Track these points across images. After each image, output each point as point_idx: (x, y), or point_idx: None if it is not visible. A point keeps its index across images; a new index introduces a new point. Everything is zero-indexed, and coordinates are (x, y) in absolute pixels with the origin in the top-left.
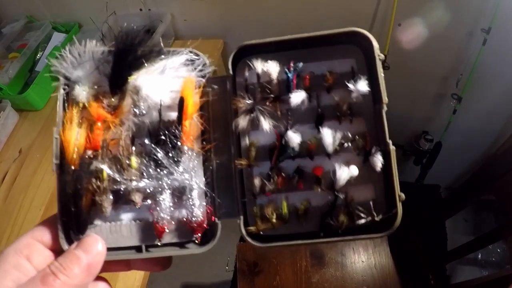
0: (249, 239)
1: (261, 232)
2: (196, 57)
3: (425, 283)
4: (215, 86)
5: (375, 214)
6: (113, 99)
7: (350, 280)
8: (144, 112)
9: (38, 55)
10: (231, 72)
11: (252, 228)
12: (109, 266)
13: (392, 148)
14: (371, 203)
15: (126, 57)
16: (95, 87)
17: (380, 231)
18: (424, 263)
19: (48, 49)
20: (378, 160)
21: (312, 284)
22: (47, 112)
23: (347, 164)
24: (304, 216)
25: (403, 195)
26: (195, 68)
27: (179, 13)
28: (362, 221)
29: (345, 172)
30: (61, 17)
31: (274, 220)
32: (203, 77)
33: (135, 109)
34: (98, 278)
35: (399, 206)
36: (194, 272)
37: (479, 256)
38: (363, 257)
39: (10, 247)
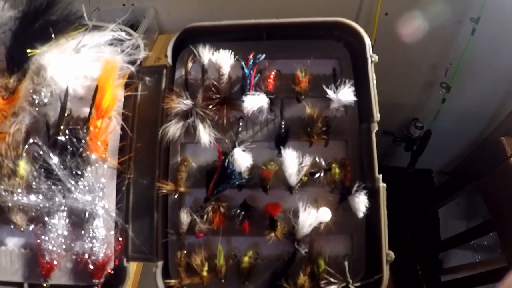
0: None
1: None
2: (128, 37)
3: (413, 272)
4: (147, 78)
5: (349, 280)
6: (10, 80)
7: None
8: (45, 101)
9: None
10: (170, 61)
11: (172, 281)
12: None
13: (382, 186)
14: (346, 262)
15: (32, 23)
16: None
17: None
18: (412, 251)
19: None
20: (361, 202)
21: None
22: None
23: (316, 204)
24: (248, 272)
25: (392, 254)
26: (123, 51)
27: (162, 7)
28: (332, 287)
29: (312, 216)
30: None
31: (204, 273)
32: (132, 63)
33: (34, 96)
34: None
35: (386, 270)
36: None
37: (472, 240)
38: None
39: None
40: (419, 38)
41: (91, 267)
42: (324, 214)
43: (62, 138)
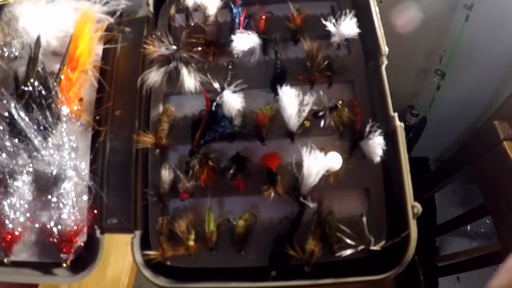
0: (145, 272)
1: (168, 262)
2: None
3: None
4: (127, 29)
5: (371, 239)
6: None
7: None
8: (16, 54)
9: None
10: (151, 9)
11: (153, 252)
12: None
13: (399, 125)
14: (364, 219)
15: None
16: None
17: (379, 269)
18: None
19: None
20: (376, 146)
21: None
22: None
23: (323, 150)
24: (244, 238)
25: (419, 206)
26: (102, 1)
27: None
28: (349, 252)
29: (319, 164)
30: None
31: (191, 243)
32: (111, 15)
33: (4, 49)
34: None
35: (413, 225)
36: None
37: (468, 227)
38: None
39: None
40: (413, 26)
41: (58, 238)
42: (334, 160)
43: (30, 88)
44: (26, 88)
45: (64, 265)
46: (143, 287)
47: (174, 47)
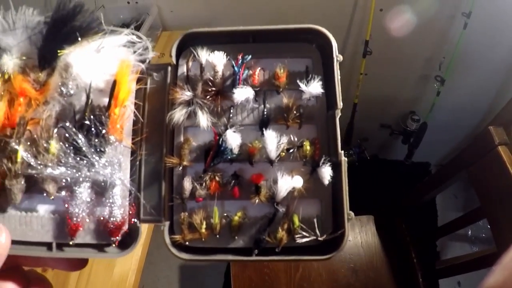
0: (172, 249)
1: (187, 243)
2: (138, 40)
3: (409, 261)
4: (155, 74)
5: (318, 233)
6: (40, 74)
7: (337, 258)
8: (71, 92)
9: None
10: (174, 60)
11: (177, 236)
12: (18, 259)
13: (343, 159)
14: (315, 220)
15: (60, 28)
16: (24, 58)
17: (324, 252)
18: (409, 242)
19: None
20: (326, 172)
21: (300, 262)
22: None
23: (291, 173)
24: (237, 228)
25: (352, 214)
26: (135, 52)
27: (165, 4)
28: (304, 240)
29: (288, 183)
30: (24, 3)
31: (203, 230)
32: (142, 62)
33: (62, 88)
34: (9, 274)
35: (347, 226)
36: None
37: (469, 232)
38: (350, 236)
39: None
40: (413, 33)
41: (111, 226)
42: (297, 181)
43: (87, 122)
44: (85, 122)
45: (114, 245)
46: None
47: (192, 93)
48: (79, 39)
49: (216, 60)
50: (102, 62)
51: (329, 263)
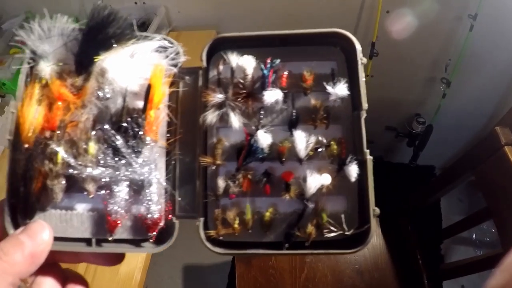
0: (207, 244)
1: (221, 238)
2: (170, 45)
3: (414, 263)
4: (187, 77)
5: (346, 228)
6: (77, 79)
7: (343, 259)
8: (108, 96)
9: None
10: (204, 64)
11: (211, 232)
12: (58, 256)
13: (369, 158)
14: (342, 215)
15: (96, 35)
16: (61, 64)
17: (350, 247)
18: (414, 244)
19: None
20: (353, 170)
21: (305, 264)
22: None
23: (320, 171)
24: (269, 224)
25: (377, 210)
26: (167, 56)
27: (173, 5)
28: (332, 234)
29: (317, 180)
30: (58, 12)
31: (236, 226)
32: (174, 66)
33: (99, 92)
34: (48, 270)
35: (373, 222)
36: (195, 253)
37: (474, 236)
38: None
39: None
40: (420, 35)
41: (149, 222)
42: (325, 179)
43: (124, 124)
44: (122, 124)
45: (151, 240)
46: None
47: (224, 96)
48: (114, 45)
49: (246, 63)
50: (136, 67)
51: (334, 264)
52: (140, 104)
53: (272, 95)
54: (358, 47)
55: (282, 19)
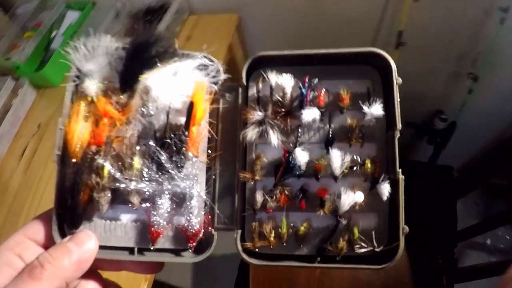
0: (243, 255)
1: (257, 250)
2: (210, 63)
3: (432, 263)
4: (227, 95)
5: (376, 245)
6: (122, 97)
7: None
8: (152, 113)
9: (53, 34)
10: (244, 82)
11: (248, 244)
12: (100, 264)
13: (401, 177)
14: (373, 232)
15: (139, 55)
16: (105, 82)
17: (379, 263)
18: (432, 244)
19: (62, 28)
20: (385, 189)
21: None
22: (64, 88)
23: (353, 189)
24: (303, 238)
25: (407, 228)
26: (208, 74)
27: None
28: (362, 250)
29: (350, 197)
30: None
31: (272, 239)
32: (215, 83)
33: (143, 109)
34: (90, 276)
35: (402, 240)
36: None
37: (488, 241)
38: None
39: (2, 245)
40: (447, 26)
41: (189, 233)
42: (359, 196)
43: (168, 140)
44: (166, 140)
45: (190, 250)
46: None
47: (263, 114)
48: (158, 64)
49: (284, 82)
50: (179, 85)
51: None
52: (182, 120)
53: (310, 114)
54: (394, 67)
55: (306, 6)
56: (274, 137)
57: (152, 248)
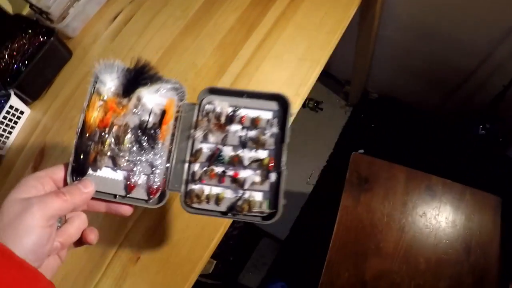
0: (184, 206)
1: (193, 204)
2: (179, 86)
3: None
4: (187, 108)
5: (264, 209)
6: (123, 100)
7: (456, 232)
8: (139, 113)
9: None
10: (198, 102)
11: (188, 200)
12: (91, 204)
13: (283, 169)
14: (264, 202)
15: (137, 76)
16: (113, 88)
17: (265, 219)
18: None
19: None
20: (273, 177)
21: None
22: None
23: (254, 174)
24: (221, 200)
25: (284, 201)
26: (178, 94)
27: None
28: (256, 210)
29: (251, 178)
30: None
31: (203, 199)
32: (181, 100)
33: (135, 109)
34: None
35: (280, 208)
36: None
37: None
38: (474, 214)
39: (31, 175)
40: None
41: (152, 190)
42: (257, 179)
43: (148, 130)
44: (146, 131)
45: (151, 201)
46: None
47: (207, 123)
48: (148, 84)
49: (223, 105)
50: (159, 98)
51: (443, 233)
52: (157, 120)
53: (235, 128)
54: (290, 105)
55: None
56: (212, 138)
57: (128, 196)
